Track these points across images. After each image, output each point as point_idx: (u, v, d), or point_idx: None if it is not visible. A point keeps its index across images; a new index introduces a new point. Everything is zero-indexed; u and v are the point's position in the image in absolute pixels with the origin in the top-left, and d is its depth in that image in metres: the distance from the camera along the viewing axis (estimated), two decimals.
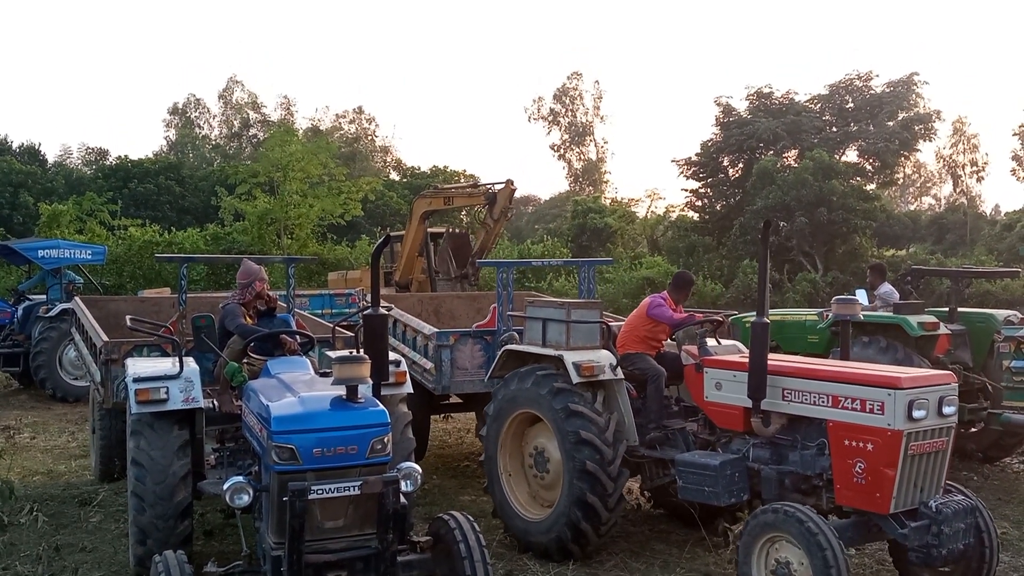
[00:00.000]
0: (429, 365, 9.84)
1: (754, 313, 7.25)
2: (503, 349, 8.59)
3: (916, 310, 11.44)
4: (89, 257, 18.89)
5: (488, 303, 12.82)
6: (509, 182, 19.39)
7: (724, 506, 7.34)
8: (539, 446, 8.11)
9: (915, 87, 40.15)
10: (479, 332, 9.96)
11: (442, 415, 13.20)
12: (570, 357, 7.70)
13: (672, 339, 8.50)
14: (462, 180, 58.05)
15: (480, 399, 10.17)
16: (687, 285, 8.75)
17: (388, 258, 24.58)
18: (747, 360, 7.21)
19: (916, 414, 6.22)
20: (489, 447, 8.41)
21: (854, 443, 6.45)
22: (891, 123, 39.10)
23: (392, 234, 25.49)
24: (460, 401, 11.25)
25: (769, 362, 7.03)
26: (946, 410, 6.42)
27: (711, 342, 8.01)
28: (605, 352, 8.00)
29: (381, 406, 5.62)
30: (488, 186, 19.58)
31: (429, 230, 21.21)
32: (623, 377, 7.93)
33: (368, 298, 6.72)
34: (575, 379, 7.59)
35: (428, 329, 10.02)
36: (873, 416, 6.36)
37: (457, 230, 22.87)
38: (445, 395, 10.88)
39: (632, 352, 8.32)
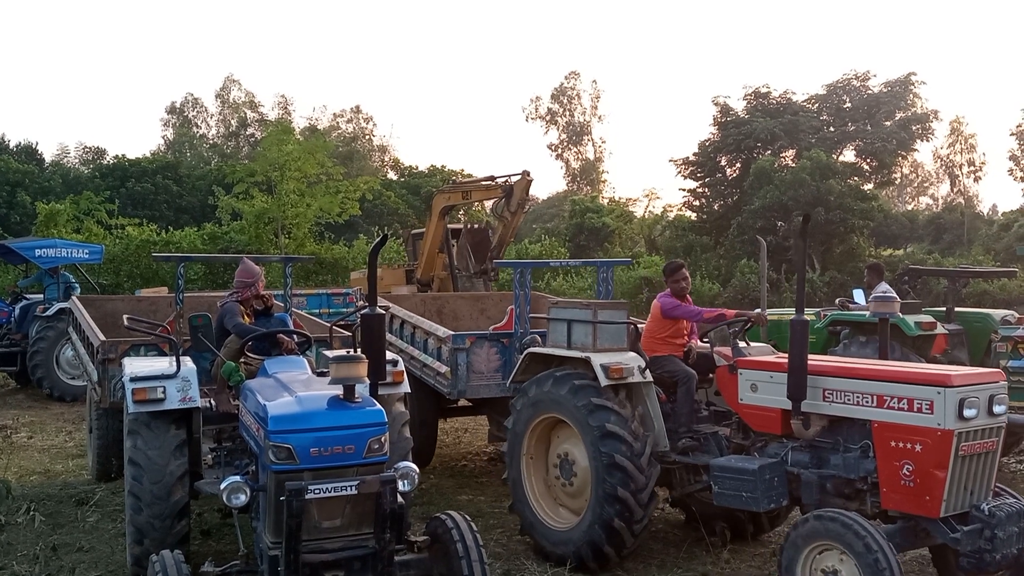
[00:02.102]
0: (444, 369, 9.55)
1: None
2: (526, 352, 8.30)
3: (913, 310, 11.46)
4: (86, 256, 18.87)
5: (493, 304, 12.76)
6: (525, 173, 19.11)
7: (763, 512, 7.13)
8: (565, 452, 7.82)
9: (912, 87, 40.27)
10: (496, 335, 9.70)
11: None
12: (598, 359, 7.42)
13: (704, 340, 8.22)
14: (459, 179, 58.18)
15: (491, 403, 10.07)
16: (674, 271, 8.35)
17: (411, 255, 24.46)
18: (783, 360, 6.96)
19: (967, 413, 5.97)
20: (512, 452, 8.13)
21: (901, 444, 6.19)
22: (888, 123, 39.20)
23: (413, 231, 25.43)
24: (469, 404, 10.97)
25: (809, 362, 6.78)
26: (996, 409, 6.16)
27: (742, 343, 7.72)
28: (633, 354, 7.69)
29: (378, 405, 5.61)
30: (505, 178, 19.35)
31: (449, 226, 20.97)
32: (652, 380, 7.65)
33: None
34: (603, 382, 7.31)
35: (442, 332, 9.73)
36: (922, 416, 6.10)
37: (476, 225, 22.37)
38: (454, 399, 10.71)
39: (659, 355, 7.99)
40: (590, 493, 7.41)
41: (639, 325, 8.21)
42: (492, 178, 19.64)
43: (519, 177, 18.93)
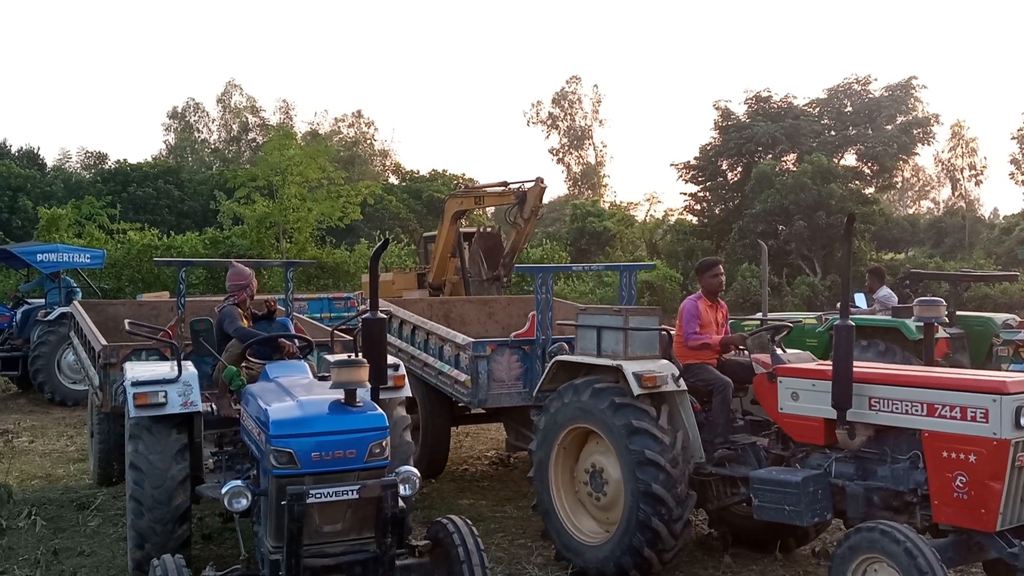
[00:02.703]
0: (463, 377, 9.17)
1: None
2: (553, 360, 7.92)
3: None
4: (88, 261, 18.86)
5: (501, 308, 12.58)
6: (539, 180, 19.02)
7: (807, 526, 6.84)
8: (595, 464, 7.48)
9: (913, 91, 40.31)
10: (517, 342, 9.26)
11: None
12: (629, 367, 7.07)
13: (741, 347, 7.87)
14: (461, 184, 58.22)
15: (507, 411, 9.80)
16: (708, 268, 8.05)
17: (423, 259, 24.38)
18: (826, 368, 6.69)
19: None
20: (539, 465, 7.79)
21: (954, 455, 5.89)
22: (889, 127, 39.24)
23: (426, 234, 25.38)
24: (483, 412, 10.54)
25: (854, 368, 6.48)
26: None
27: (777, 350, 7.36)
28: (666, 362, 7.33)
29: (380, 410, 5.61)
30: (518, 185, 19.24)
31: (461, 230, 20.88)
32: (686, 388, 7.28)
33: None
34: (636, 391, 6.97)
35: (461, 339, 9.34)
36: (976, 424, 5.79)
37: (488, 229, 22.24)
38: (467, 407, 10.45)
39: (692, 363, 7.64)
40: (622, 512, 7.11)
41: (670, 332, 7.78)
42: (505, 184, 19.56)
43: (533, 184, 18.84)
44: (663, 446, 6.89)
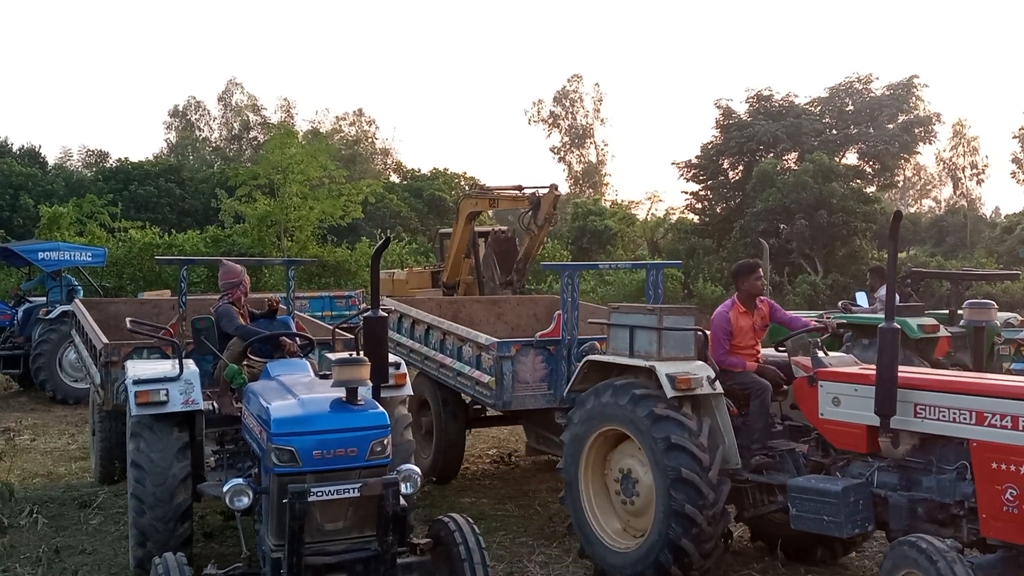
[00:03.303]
0: (486, 379, 8.89)
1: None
2: (584, 359, 7.71)
3: (916, 312, 11.46)
4: (89, 259, 18.86)
5: (510, 308, 12.42)
6: (553, 187, 18.93)
7: (846, 538, 6.55)
8: (626, 468, 7.23)
9: (915, 90, 40.28)
10: (542, 342, 8.96)
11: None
12: (663, 368, 6.82)
13: (780, 349, 7.58)
14: (463, 183, 58.22)
15: (527, 414, 9.55)
16: (748, 272, 7.67)
17: (438, 255, 24.32)
18: (870, 372, 6.41)
19: None
20: (569, 469, 7.58)
21: (1004, 466, 5.62)
22: (891, 126, 39.22)
23: (441, 230, 25.36)
24: (500, 415, 10.31)
25: (899, 373, 6.19)
26: None
27: (819, 353, 7.08)
28: (701, 363, 7.05)
29: (381, 408, 5.62)
30: (533, 190, 19.15)
31: (477, 229, 20.82)
32: (722, 392, 7.03)
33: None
34: (669, 393, 6.72)
35: (484, 338, 9.05)
36: None
37: (503, 228, 22.01)
38: (483, 409, 10.46)
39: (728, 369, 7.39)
40: (652, 524, 6.86)
41: (706, 332, 7.44)
42: (520, 188, 19.48)
43: (547, 191, 18.78)
44: (701, 465, 6.60)
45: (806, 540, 7.29)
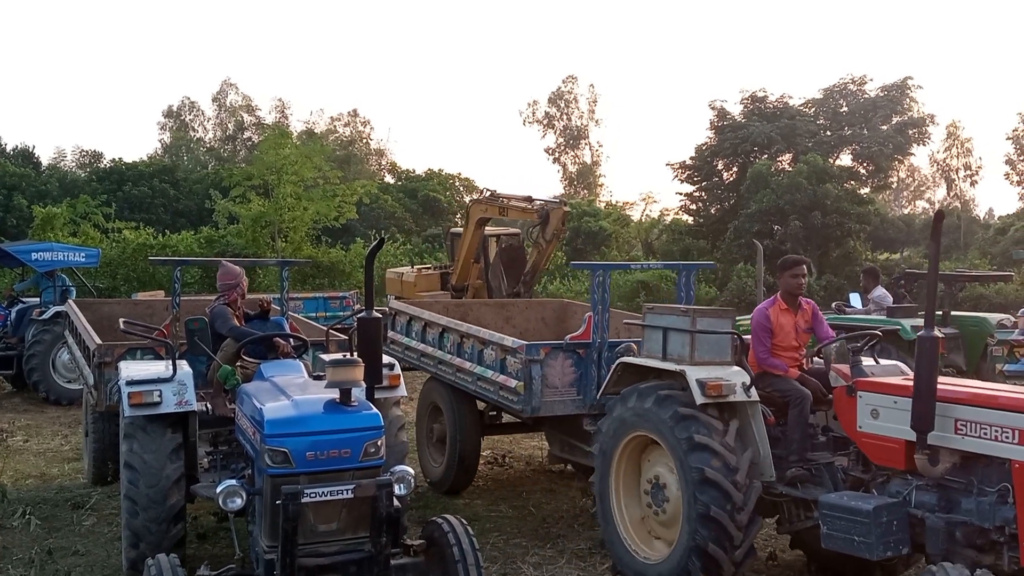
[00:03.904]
0: (513, 383, 8.47)
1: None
2: (618, 361, 7.45)
3: (910, 313, 11.49)
4: (83, 260, 18.81)
5: (518, 312, 12.22)
6: (563, 203, 19.01)
7: (877, 560, 6.06)
8: (656, 476, 6.96)
9: (909, 91, 40.36)
10: (572, 345, 8.51)
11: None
12: (694, 373, 6.55)
13: (819, 357, 7.20)
14: (458, 183, 58.19)
15: (549, 421, 9.07)
16: (789, 267, 7.32)
17: (449, 255, 24.27)
18: (910, 384, 5.99)
19: None
20: (600, 478, 7.33)
21: None
22: (885, 127, 39.29)
23: (452, 230, 25.33)
24: (518, 420, 9.99)
25: (940, 386, 5.79)
26: None
27: (867, 361, 6.74)
28: (737, 369, 6.75)
29: (375, 409, 5.62)
30: (542, 203, 19.03)
31: (487, 232, 20.68)
32: (758, 399, 6.69)
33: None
34: (699, 399, 6.45)
35: (511, 342, 8.64)
36: None
37: (514, 232, 21.89)
38: (498, 416, 10.22)
39: (769, 371, 7.10)
40: (679, 532, 6.60)
41: (742, 336, 7.11)
42: (530, 199, 19.44)
43: (556, 206, 18.77)
44: (727, 466, 6.35)
45: (843, 559, 6.71)
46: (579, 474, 10.06)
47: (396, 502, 5.42)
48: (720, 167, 40.12)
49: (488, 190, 20.22)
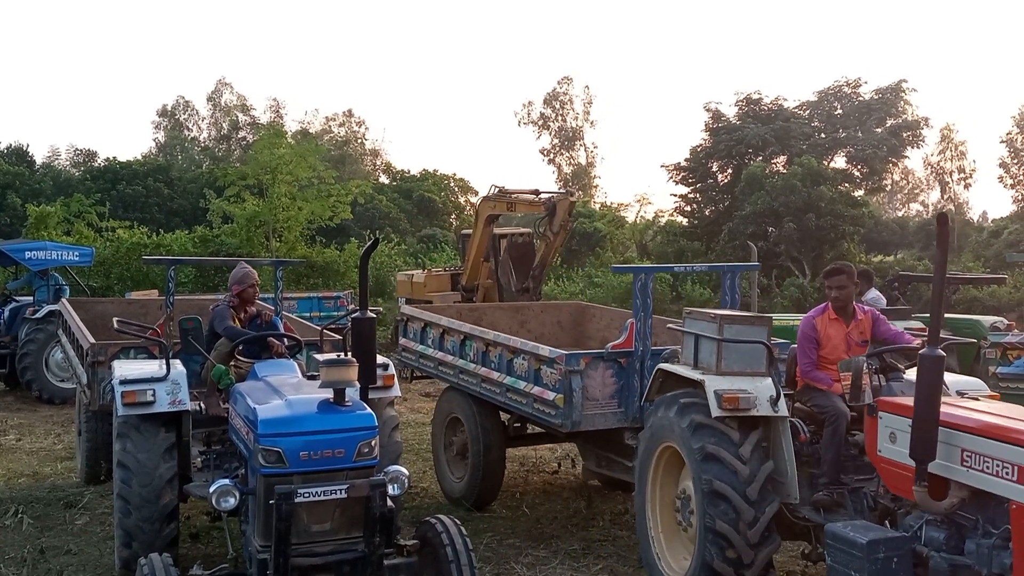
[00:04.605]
0: (551, 396, 7.89)
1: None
2: (656, 368, 7.12)
3: (903, 316, 11.51)
4: (77, 259, 18.79)
5: (533, 316, 11.77)
6: (568, 193, 18.92)
7: None
8: (684, 489, 6.63)
9: (903, 94, 40.38)
10: (613, 354, 7.94)
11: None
12: (713, 384, 6.23)
13: (845, 371, 6.61)
14: (452, 184, 58.18)
15: (583, 433, 8.40)
16: (832, 274, 6.91)
17: (461, 256, 24.22)
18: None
19: None
20: (638, 489, 7.07)
21: None
22: (879, 130, 39.32)
23: (463, 231, 25.28)
24: (543, 432, 9.57)
25: (948, 410, 5.28)
26: None
27: (909, 375, 6.26)
28: (768, 381, 6.31)
29: (368, 409, 5.62)
30: (550, 195, 18.91)
31: (496, 230, 20.67)
32: (787, 414, 6.28)
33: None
34: (715, 411, 6.14)
35: (547, 351, 8.11)
36: None
37: (522, 230, 21.79)
38: (523, 427, 9.75)
39: (812, 384, 6.73)
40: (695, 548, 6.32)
41: (768, 345, 6.55)
42: (537, 192, 19.42)
43: (563, 197, 18.71)
44: (737, 478, 6.04)
45: None
46: (618, 492, 9.84)
47: (389, 502, 5.42)
48: (715, 169, 40.14)
49: (495, 186, 20.16)
